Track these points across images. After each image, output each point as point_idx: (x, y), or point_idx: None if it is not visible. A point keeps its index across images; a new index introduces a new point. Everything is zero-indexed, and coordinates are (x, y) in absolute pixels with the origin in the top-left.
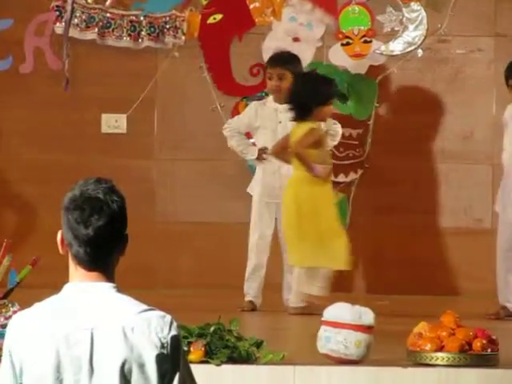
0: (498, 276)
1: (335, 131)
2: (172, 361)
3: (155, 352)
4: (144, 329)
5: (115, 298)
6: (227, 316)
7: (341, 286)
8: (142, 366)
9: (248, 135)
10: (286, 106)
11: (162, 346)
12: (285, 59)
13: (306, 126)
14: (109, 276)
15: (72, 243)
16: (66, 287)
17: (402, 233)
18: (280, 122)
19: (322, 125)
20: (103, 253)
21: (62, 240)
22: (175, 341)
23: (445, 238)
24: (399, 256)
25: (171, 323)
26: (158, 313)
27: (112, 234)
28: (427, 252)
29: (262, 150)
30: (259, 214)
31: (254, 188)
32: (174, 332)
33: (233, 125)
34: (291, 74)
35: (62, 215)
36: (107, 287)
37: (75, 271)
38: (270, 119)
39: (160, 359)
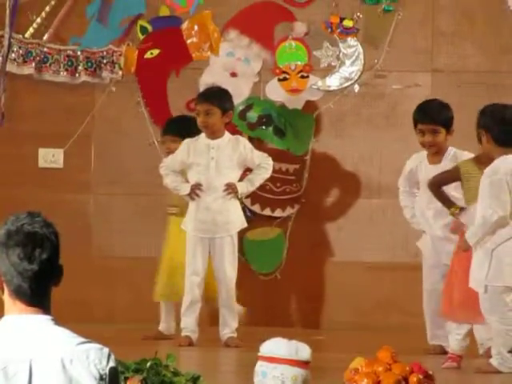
0: (425, 315)
1: (268, 164)
2: None
3: (94, 383)
4: (83, 360)
5: (53, 330)
6: (164, 351)
7: (277, 321)
8: None
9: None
10: (218, 142)
11: (101, 378)
12: (211, 95)
13: None
14: (46, 309)
15: (13, 279)
16: (3, 320)
17: (339, 268)
18: (212, 158)
19: (255, 158)
20: (44, 286)
21: None
22: (113, 373)
23: (381, 272)
24: (336, 291)
25: (109, 355)
26: (95, 345)
27: (53, 266)
28: (364, 287)
29: (195, 186)
30: (193, 250)
31: (188, 224)
32: (112, 364)
33: (167, 163)
34: (219, 109)
35: None
36: (45, 319)
37: (13, 306)
38: (202, 155)
39: None
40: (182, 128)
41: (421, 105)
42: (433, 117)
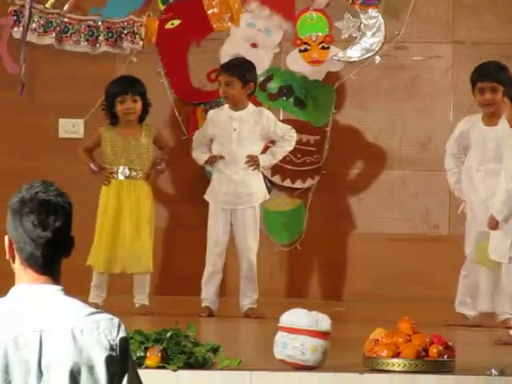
0: (459, 281)
1: (291, 137)
2: (121, 363)
3: (104, 354)
4: (93, 331)
5: (63, 300)
6: (184, 321)
7: (297, 292)
8: (91, 368)
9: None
10: (240, 114)
11: (111, 348)
12: (232, 66)
13: None
14: (56, 279)
15: (25, 247)
16: (14, 289)
17: (359, 239)
18: (235, 130)
19: (278, 130)
20: (56, 255)
21: (11, 244)
22: (124, 343)
23: (402, 244)
24: (356, 262)
25: (119, 325)
26: (105, 315)
27: (66, 235)
28: (384, 258)
29: (214, 156)
30: (215, 221)
31: (210, 195)
32: (122, 334)
33: (194, 137)
34: (239, 81)
35: (9, 220)
36: (55, 290)
37: (24, 275)
38: (224, 127)
39: (109, 361)
40: (140, 87)
41: (480, 65)
42: (493, 75)
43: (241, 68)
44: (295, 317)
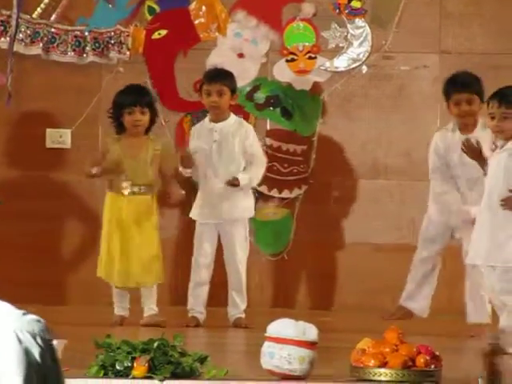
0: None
1: (261, 161)
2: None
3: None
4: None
5: None
6: (171, 331)
7: (285, 302)
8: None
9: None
10: (221, 125)
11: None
12: (223, 75)
13: None
14: None
15: None
16: None
17: (346, 249)
18: (215, 141)
19: (254, 147)
20: None
21: None
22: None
23: (388, 253)
24: (343, 272)
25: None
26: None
27: None
28: (372, 268)
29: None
30: (200, 232)
31: (194, 208)
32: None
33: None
34: (229, 90)
35: None
36: None
37: None
38: (205, 139)
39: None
40: (149, 98)
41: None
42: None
43: (230, 78)
44: (282, 327)
